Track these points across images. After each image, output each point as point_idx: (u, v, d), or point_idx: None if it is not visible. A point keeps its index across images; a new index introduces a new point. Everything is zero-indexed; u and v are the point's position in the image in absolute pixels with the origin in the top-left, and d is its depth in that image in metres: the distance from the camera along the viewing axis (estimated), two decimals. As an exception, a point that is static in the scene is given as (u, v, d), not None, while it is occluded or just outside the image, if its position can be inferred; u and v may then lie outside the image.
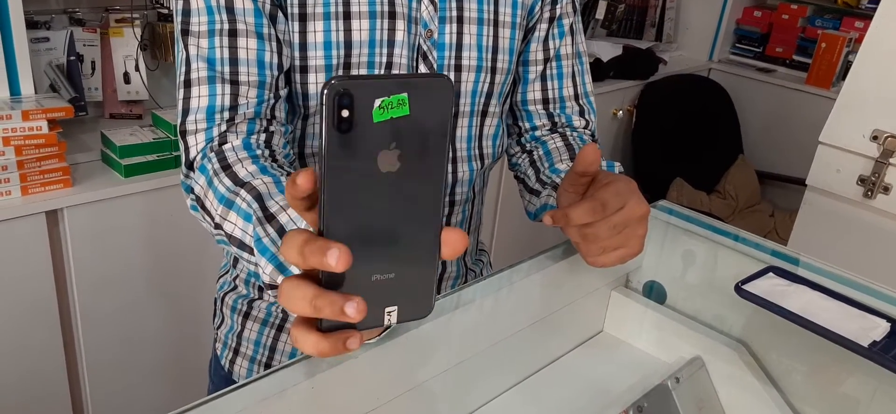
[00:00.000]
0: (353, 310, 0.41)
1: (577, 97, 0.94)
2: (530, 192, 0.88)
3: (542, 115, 0.94)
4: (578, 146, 0.88)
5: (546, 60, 0.92)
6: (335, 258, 0.39)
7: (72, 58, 1.73)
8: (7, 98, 1.54)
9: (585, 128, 0.95)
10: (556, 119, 0.94)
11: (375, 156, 0.40)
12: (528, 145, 0.94)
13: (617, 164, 0.82)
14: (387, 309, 0.44)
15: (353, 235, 0.41)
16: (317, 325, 0.44)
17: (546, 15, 0.90)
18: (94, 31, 1.79)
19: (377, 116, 0.39)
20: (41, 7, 1.71)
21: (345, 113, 0.39)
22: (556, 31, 0.91)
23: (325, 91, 0.39)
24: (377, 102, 0.39)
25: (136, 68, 1.86)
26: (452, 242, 0.43)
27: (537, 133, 0.94)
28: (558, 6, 0.90)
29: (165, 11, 1.86)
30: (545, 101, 0.93)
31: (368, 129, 0.40)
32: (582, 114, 0.94)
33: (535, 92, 0.93)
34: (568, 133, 0.92)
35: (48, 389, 1.62)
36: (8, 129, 1.44)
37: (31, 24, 1.64)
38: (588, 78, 0.96)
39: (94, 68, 1.81)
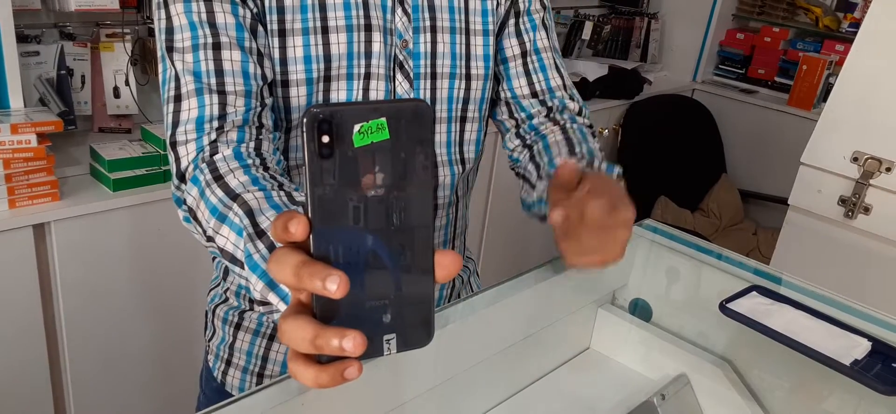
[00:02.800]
0: (350, 345, 0.41)
1: (565, 87, 0.96)
2: (532, 188, 0.88)
3: (535, 105, 0.95)
4: (579, 139, 0.88)
5: (524, 55, 0.93)
6: (336, 284, 0.40)
7: (62, 72, 1.73)
8: (-5, 111, 1.53)
9: (580, 114, 0.96)
10: (550, 104, 0.95)
11: (360, 180, 0.41)
12: (527, 138, 0.94)
13: (616, 167, 0.82)
14: (385, 337, 0.44)
15: (345, 262, 0.42)
16: (315, 357, 0.44)
17: (512, 11, 0.92)
18: (84, 45, 1.79)
19: (358, 141, 0.40)
20: (32, 21, 1.71)
21: (325, 139, 0.40)
22: (527, 24, 0.93)
23: (305, 119, 0.39)
24: (356, 127, 0.40)
25: (126, 83, 1.86)
26: (446, 265, 0.44)
27: (535, 122, 0.95)
28: (521, 2, 0.92)
29: (156, 27, 1.87)
30: (534, 94, 0.94)
31: (350, 155, 0.40)
32: (573, 99, 0.96)
33: (521, 87, 0.94)
34: (567, 124, 0.92)
35: (32, 403, 1.61)
36: (-4, 143, 1.44)
37: (21, 38, 1.64)
38: (567, 72, 0.98)
39: (83, 82, 1.81)
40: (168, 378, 1.83)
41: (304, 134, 0.40)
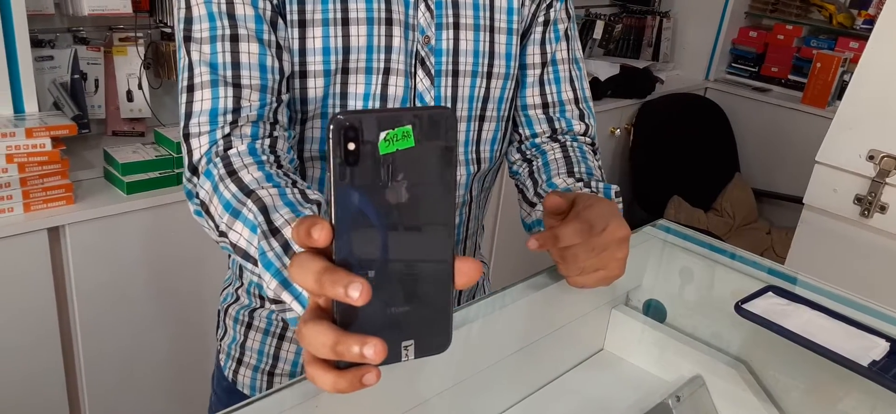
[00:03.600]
0: (371, 352, 0.41)
1: (576, 101, 0.95)
2: (528, 203, 0.89)
3: (542, 121, 0.94)
4: (578, 158, 0.89)
5: (543, 65, 0.93)
6: (358, 291, 0.40)
7: (76, 76, 1.74)
8: (11, 116, 1.55)
9: (585, 134, 0.95)
10: (557, 124, 0.94)
11: (383, 188, 0.41)
12: (528, 153, 0.95)
13: (614, 187, 0.83)
14: (404, 343, 0.44)
15: (367, 268, 0.42)
16: (334, 362, 0.44)
17: (541, 18, 0.91)
18: (97, 49, 1.81)
19: (383, 148, 0.40)
20: (46, 26, 1.73)
21: (351, 146, 0.40)
22: (551, 35, 0.92)
23: (332, 125, 0.39)
24: (382, 135, 0.40)
25: (139, 86, 1.87)
26: (466, 271, 0.44)
27: (537, 140, 0.94)
28: (552, 10, 0.91)
29: (169, 30, 1.88)
30: (545, 106, 0.94)
31: (375, 162, 0.40)
32: (582, 118, 0.95)
33: (534, 97, 0.94)
34: (568, 142, 0.92)
35: (48, 405, 1.62)
36: (11, 147, 1.45)
37: (35, 43, 1.66)
38: (586, 83, 0.97)
39: (97, 86, 1.82)
40: (183, 380, 1.84)
41: (330, 141, 0.40)
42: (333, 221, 0.41)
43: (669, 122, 3.13)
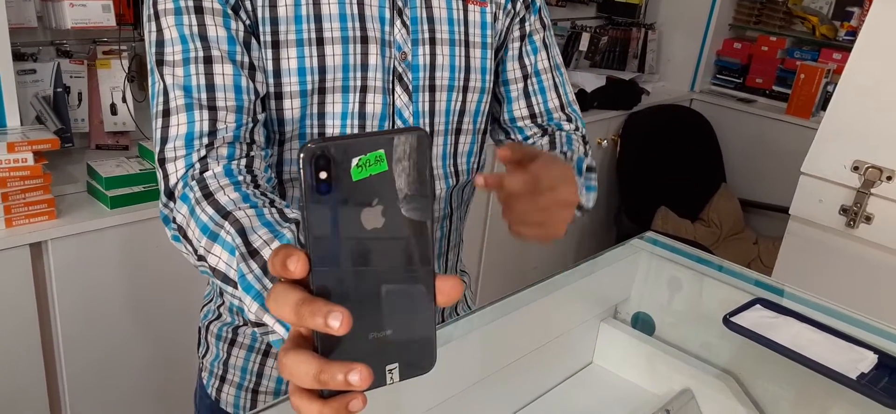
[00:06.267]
0: (357, 379, 0.40)
1: (562, 107, 0.97)
2: None
3: (532, 127, 0.96)
4: (562, 144, 0.90)
5: (526, 78, 0.94)
6: (338, 321, 0.39)
7: (58, 89, 1.72)
8: (-8, 130, 1.53)
9: (575, 131, 0.96)
10: (546, 128, 0.96)
11: (358, 214, 0.40)
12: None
13: (587, 161, 0.84)
14: (387, 367, 0.43)
15: (346, 296, 0.41)
16: (318, 391, 0.43)
17: (515, 32, 0.92)
18: (81, 62, 1.79)
19: (356, 175, 0.39)
20: (28, 39, 1.71)
21: (323, 175, 0.39)
22: (528, 47, 0.93)
23: (303, 155, 0.39)
24: (355, 161, 0.39)
25: (123, 99, 1.85)
26: (447, 290, 0.43)
27: (530, 141, 0.96)
28: (527, 24, 0.92)
29: (153, 43, 1.86)
30: (532, 116, 0.95)
31: (348, 189, 0.40)
32: (570, 120, 0.97)
33: (521, 109, 0.95)
34: (556, 133, 0.94)
35: (29, 424, 1.59)
36: (-7, 161, 1.43)
37: (18, 56, 1.64)
38: (569, 87, 0.98)
39: (80, 99, 1.80)
40: (167, 396, 1.82)
41: (301, 170, 0.39)
42: (309, 251, 0.40)
43: (656, 133, 3.15)
